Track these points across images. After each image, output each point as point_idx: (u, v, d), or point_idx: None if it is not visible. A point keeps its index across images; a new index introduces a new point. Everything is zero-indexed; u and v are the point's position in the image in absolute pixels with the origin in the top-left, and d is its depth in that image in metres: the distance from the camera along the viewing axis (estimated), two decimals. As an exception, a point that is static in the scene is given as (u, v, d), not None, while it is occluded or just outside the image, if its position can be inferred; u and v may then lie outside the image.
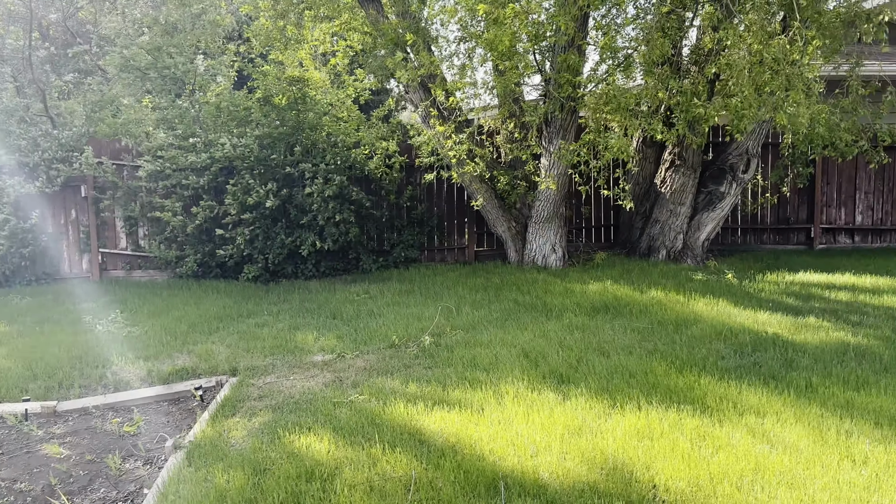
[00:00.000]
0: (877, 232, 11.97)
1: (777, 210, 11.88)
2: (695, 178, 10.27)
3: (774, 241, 11.99)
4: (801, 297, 7.80)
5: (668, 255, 10.32)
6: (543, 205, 9.82)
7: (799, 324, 6.44)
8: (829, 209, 11.89)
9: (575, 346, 5.79)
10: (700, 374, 4.99)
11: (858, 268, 9.54)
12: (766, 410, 4.28)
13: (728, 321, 6.53)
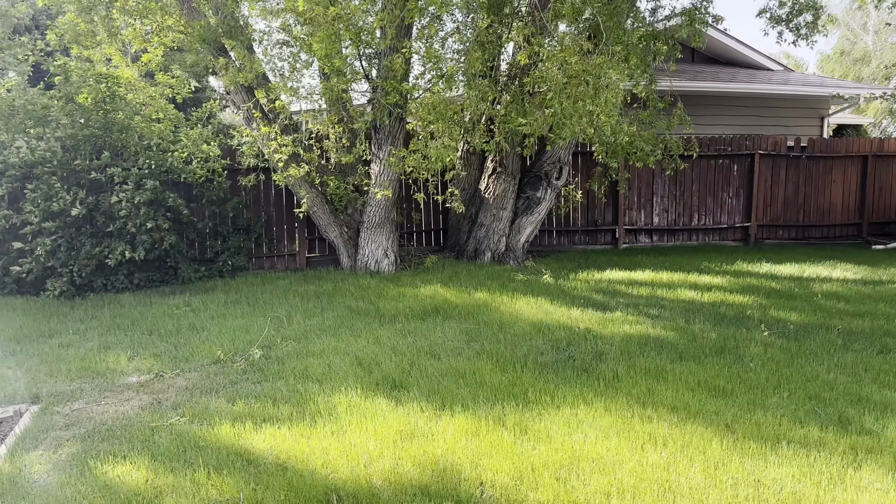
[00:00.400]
0: (671, 232, 13.38)
1: (587, 213, 12.88)
2: (515, 184, 10.86)
3: (585, 241, 12.99)
4: (608, 293, 8.52)
5: (492, 258, 10.81)
6: (375, 210, 9.88)
7: (607, 318, 7.04)
8: (631, 212, 13.11)
9: (407, 350, 5.89)
10: (522, 371, 5.29)
11: (656, 265, 10.61)
12: (580, 402, 4.64)
13: (546, 318, 6.98)
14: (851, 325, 6.84)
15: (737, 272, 10.11)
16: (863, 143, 14.31)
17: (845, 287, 8.90)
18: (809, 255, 11.63)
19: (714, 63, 16.76)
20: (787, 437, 4.05)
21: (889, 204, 14.48)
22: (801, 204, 13.86)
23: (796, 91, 15.38)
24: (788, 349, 5.95)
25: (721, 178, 13.41)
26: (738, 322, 6.98)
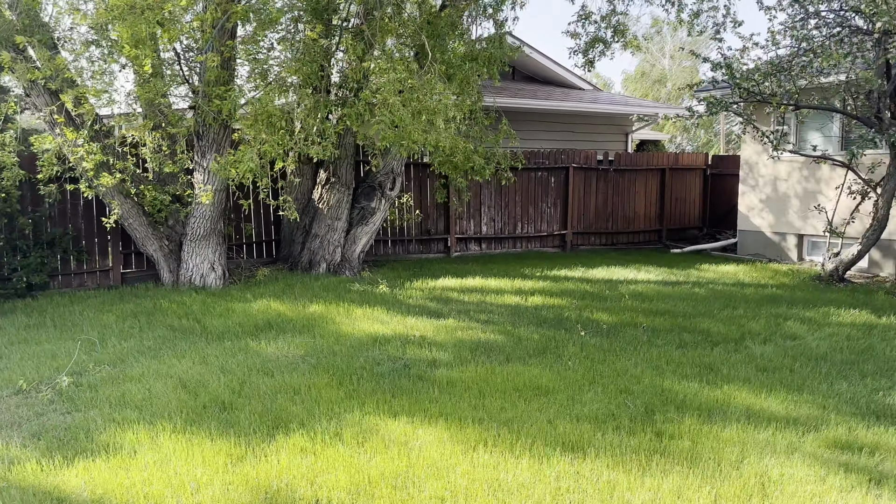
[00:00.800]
0: (498, 240, 14.04)
1: (421, 223, 13.17)
2: (349, 194, 10.84)
3: (419, 251, 13.26)
4: (442, 300, 8.77)
5: (328, 269, 10.70)
6: (199, 221, 9.40)
7: (441, 326, 7.24)
8: (462, 221, 13.59)
9: (237, 369, 5.67)
10: (359, 383, 5.29)
11: (485, 272, 11.09)
12: (416, 410, 4.73)
13: (382, 328, 7.04)
14: (655, 323, 7.59)
15: (556, 277, 10.83)
16: (661, 158, 15.95)
17: (649, 288, 9.85)
18: (617, 260, 12.74)
19: (533, 81, 17.86)
20: (602, 429, 4.41)
21: (684, 212, 16.23)
22: (610, 213, 15.14)
23: (604, 109, 16.81)
24: (602, 347, 6.48)
25: (541, 189, 14.30)
26: (557, 324, 7.49)
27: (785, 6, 9.95)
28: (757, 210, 13.45)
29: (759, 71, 10.21)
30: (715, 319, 7.76)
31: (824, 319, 7.76)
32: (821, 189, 12.25)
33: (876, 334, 7.05)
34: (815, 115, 11.85)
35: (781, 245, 13.08)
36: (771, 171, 13.06)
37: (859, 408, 4.84)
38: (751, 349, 6.51)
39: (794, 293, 9.44)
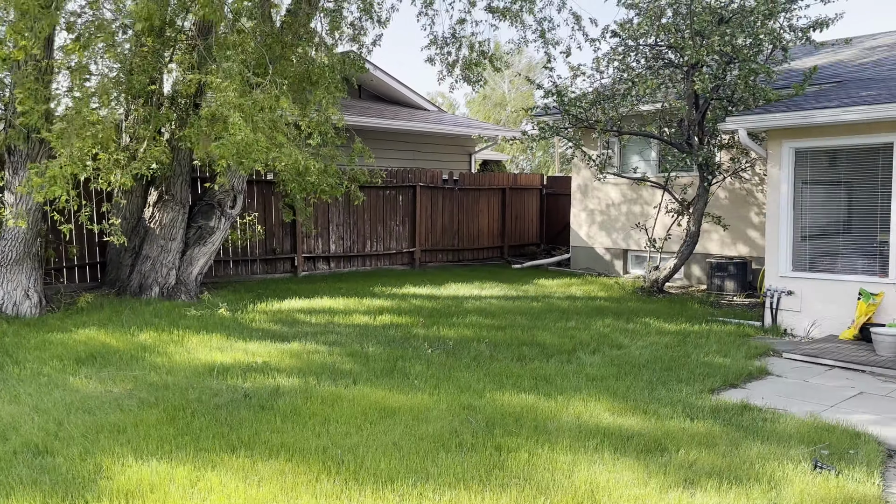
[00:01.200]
0: (347, 258, 13.95)
1: (265, 242, 12.77)
2: (184, 213, 10.29)
3: (264, 271, 12.85)
4: (288, 323, 8.54)
5: (161, 293, 10.07)
6: (11, 245, 8.50)
7: (286, 350, 7.05)
8: (310, 240, 13.36)
9: (54, 408, 5.15)
10: (193, 417, 5.01)
11: (334, 291, 10.96)
12: (256, 442, 4.56)
13: (222, 356, 6.72)
14: (497, 337, 7.87)
15: (405, 295, 10.93)
16: (502, 178, 16.67)
17: (492, 303, 10.22)
18: (463, 276, 13.11)
19: (380, 101, 18.01)
20: (446, 447, 4.49)
21: (523, 230, 17.05)
22: (455, 230, 15.57)
23: (449, 130, 17.31)
24: (447, 364, 6.62)
25: (389, 207, 14.41)
26: (405, 342, 7.55)
27: (608, 38, 10.81)
28: (587, 227, 14.41)
29: (586, 98, 11.00)
30: (550, 332, 8.19)
31: (646, 329, 8.45)
32: (643, 208, 13.38)
33: (690, 341, 7.78)
34: (635, 140, 12.94)
35: (609, 259, 14.11)
36: (599, 191, 14.07)
37: (676, 412, 5.31)
38: (582, 359, 6.94)
39: (620, 305, 10.20)
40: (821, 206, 8.67)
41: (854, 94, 8.55)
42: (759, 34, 9.72)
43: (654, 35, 10.39)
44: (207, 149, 8.31)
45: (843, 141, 8.15)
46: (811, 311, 8.40)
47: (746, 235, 12.03)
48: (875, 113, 7.50)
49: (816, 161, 8.61)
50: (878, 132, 7.76)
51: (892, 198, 7.70)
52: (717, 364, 6.80)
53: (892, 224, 7.71)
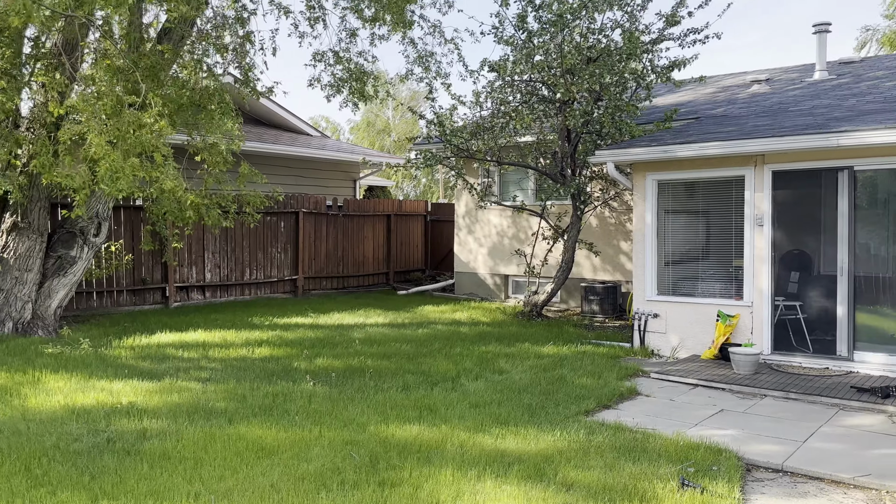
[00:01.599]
0: (224, 287, 13.41)
1: (133, 271, 12.04)
2: (43, 241, 9.55)
3: (132, 302, 12.10)
4: (157, 359, 8.07)
5: (15, 328, 9.24)
6: None
7: (155, 388, 6.64)
8: (183, 268, 12.73)
9: None
10: (50, 465, 4.59)
11: (209, 323, 10.48)
12: (120, 492, 4.23)
13: (83, 397, 6.23)
14: (381, 366, 7.81)
15: (286, 325, 10.64)
16: (387, 204, 16.70)
17: (377, 331, 10.15)
18: (348, 304, 12.95)
19: (260, 125, 17.61)
20: (327, 486, 4.37)
21: (408, 255, 17.12)
22: (340, 257, 15.40)
23: (333, 156, 17.17)
24: (330, 397, 6.48)
25: (270, 234, 14.04)
26: (286, 375, 7.33)
27: (486, 73, 11.16)
28: (470, 253, 14.70)
29: (467, 129, 11.29)
30: (435, 359, 8.24)
31: (525, 353, 8.68)
32: (522, 234, 13.82)
33: (566, 364, 8.07)
34: (514, 169, 13.39)
35: (491, 285, 14.43)
36: (481, 217, 14.41)
37: (554, 435, 5.46)
38: (465, 386, 7.01)
39: (501, 329, 10.43)
40: (682, 233, 9.32)
41: (710, 130, 9.29)
42: (623, 73, 10.38)
43: (528, 72, 10.84)
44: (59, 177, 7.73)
45: (701, 174, 8.82)
46: (676, 333, 8.96)
47: (617, 261, 12.70)
48: (729, 149, 8.19)
49: (677, 192, 9.26)
50: (732, 166, 8.46)
51: (745, 226, 8.40)
52: (592, 386, 7.08)
53: (746, 250, 8.41)
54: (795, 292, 8.35)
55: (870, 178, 7.82)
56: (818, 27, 11.85)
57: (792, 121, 8.77)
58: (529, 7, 10.63)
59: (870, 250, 7.85)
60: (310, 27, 11.51)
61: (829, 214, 7.96)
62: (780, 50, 51.94)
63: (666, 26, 10.44)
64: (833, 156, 7.75)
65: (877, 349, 7.64)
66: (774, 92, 11.65)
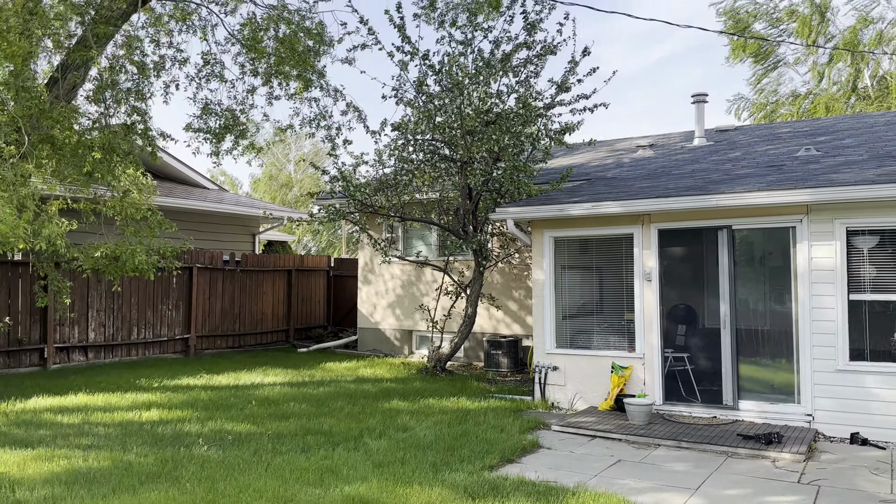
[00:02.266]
0: (109, 347, 12.60)
1: (8, 331, 11.13)
2: None
3: (6, 364, 11.15)
4: (33, 425, 7.43)
5: None
6: None
7: (29, 457, 6.09)
8: (64, 328, 11.89)
9: None
10: None
11: (92, 386, 9.79)
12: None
13: (-58, 472, 5.62)
14: (281, 428, 7.52)
15: (177, 386, 10.10)
16: (288, 259, 16.39)
17: (276, 391, 9.80)
18: (245, 363, 12.47)
19: (154, 177, 16.96)
20: (221, 557, 4.12)
21: (310, 312, 16.78)
22: (237, 314, 14.87)
23: (231, 210, 16.76)
24: (225, 462, 6.16)
25: (161, 290, 13.41)
26: (176, 440, 6.92)
27: (389, 132, 11.34)
28: (374, 308, 14.59)
29: (371, 186, 11.37)
30: (337, 418, 8.03)
31: (430, 409, 8.63)
32: (426, 289, 13.89)
33: (470, 419, 8.07)
34: (418, 225, 13.54)
35: (395, 340, 14.34)
36: (385, 273, 14.40)
37: (459, 493, 5.41)
38: (368, 445, 6.86)
39: (405, 385, 10.34)
40: (578, 288, 9.68)
41: (601, 191, 9.81)
42: (520, 136, 10.84)
43: (429, 132, 11.12)
44: None
45: (594, 231, 9.26)
46: (574, 385, 9.19)
47: (517, 315, 12.97)
48: (618, 208, 8.66)
49: (573, 248, 9.66)
50: (622, 224, 8.94)
51: (635, 281, 8.83)
52: (495, 440, 7.11)
53: (636, 304, 8.82)
54: (683, 344, 8.80)
55: (746, 236, 8.46)
56: (696, 97, 12.89)
57: (675, 183, 9.40)
58: (429, 71, 10.98)
59: (749, 305, 8.43)
60: (204, 81, 11.34)
61: (712, 270, 8.52)
62: (662, 117, 55.94)
63: (558, 92, 11.04)
64: (713, 216, 8.35)
65: (759, 398, 8.13)
66: (658, 156, 12.48)
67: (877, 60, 22.54)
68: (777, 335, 8.17)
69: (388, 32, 44.53)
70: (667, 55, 49.52)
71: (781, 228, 8.07)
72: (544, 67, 11.17)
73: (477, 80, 10.84)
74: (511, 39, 10.92)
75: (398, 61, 11.03)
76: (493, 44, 10.95)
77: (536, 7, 10.80)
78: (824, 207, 7.72)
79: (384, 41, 23.70)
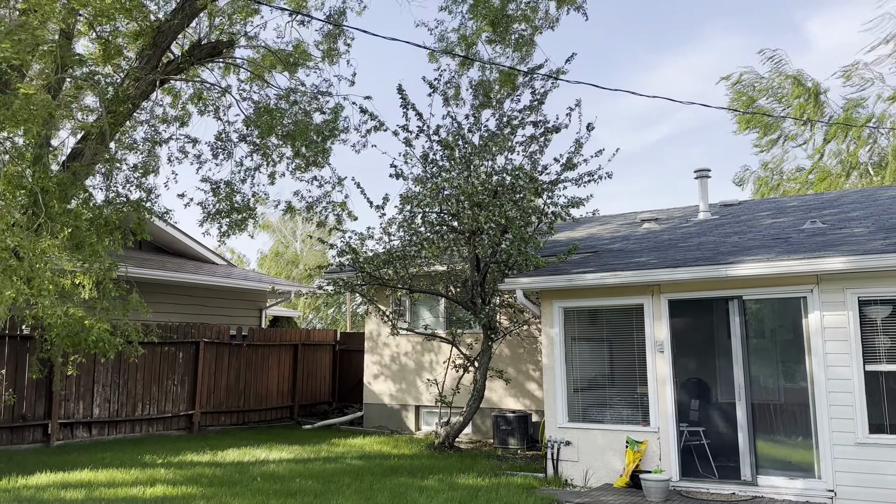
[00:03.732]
0: (113, 423, 12.41)
1: (13, 406, 11.01)
2: None
3: (9, 441, 10.97)
4: (35, 501, 7.24)
5: None
6: None
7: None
8: (68, 403, 11.75)
9: None
10: None
11: (96, 462, 9.60)
12: None
13: (-60, 550, 5.46)
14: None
15: (181, 463, 9.89)
16: (294, 334, 16.34)
17: (281, 467, 9.58)
18: (249, 439, 12.24)
19: (162, 252, 17.18)
20: None
21: (315, 387, 16.58)
22: (242, 390, 14.69)
23: (238, 284, 16.85)
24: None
25: (167, 365, 13.31)
26: (182, 517, 6.73)
27: (398, 205, 11.53)
28: (380, 383, 14.42)
29: (380, 258, 11.47)
30: (345, 495, 7.82)
31: (440, 486, 8.40)
32: (434, 362, 13.76)
33: (481, 496, 7.84)
34: (426, 297, 13.55)
35: (402, 415, 14.10)
36: (392, 346, 14.30)
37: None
38: (379, 523, 6.65)
39: (413, 462, 10.10)
40: (590, 359, 9.58)
41: (608, 261, 9.87)
42: (526, 209, 11.01)
43: (437, 205, 11.31)
44: None
45: (604, 301, 9.25)
46: (588, 460, 8.96)
47: (527, 389, 12.79)
48: (628, 278, 8.68)
49: (583, 319, 9.62)
50: (632, 295, 8.94)
51: (647, 353, 8.75)
52: (509, 518, 6.89)
53: (650, 377, 8.70)
54: (697, 419, 8.63)
55: (758, 307, 8.43)
56: (699, 173, 13.13)
57: (683, 254, 9.47)
58: (437, 146, 11.29)
59: (762, 377, 8.32)
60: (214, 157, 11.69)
61: (724, 342, 8.45)
62: (662, 195, 56.72)
63: (563, 170, 11.28)
64: (723, 286, 8.36)
65: (779, 473, 7.89)
66: (664, 230, 12.61)
67: (874, 136, 23.05)
68: (793, 408, 8.03)
69: (391, 109, 45.91)
70: (665, 136, 50.76)
71: (793, 298, 8.06)
72: (549, 145, 11.48)
73: (484, 154, 11.12)
74: (519, 114, 11.30)
75: (403, 139, 11.39)
76: (498, 119, 11.32)
77: (545, 86, 11.28)
78: (834, 277, 7.74)
79: (389, 118, 24.49)
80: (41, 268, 7.59)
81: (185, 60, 10.71)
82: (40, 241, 7.55)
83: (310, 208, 12.08)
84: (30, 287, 7.46)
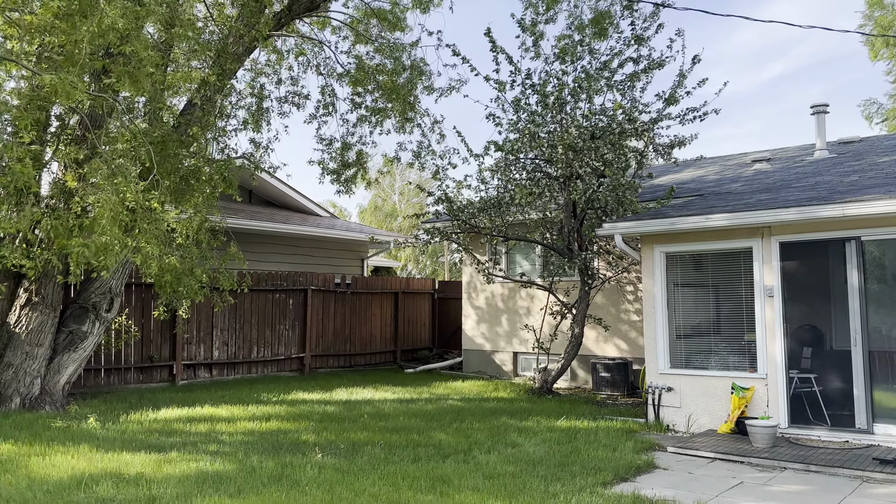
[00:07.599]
0: (231, 365, 13.32)
1: (141, 349, 12.02)
2: (55, 316, 9.59)
3: (139, 379, 12.02)
4: (165, 433, 7.95)
5: (23, 404, 9.16)
6: None
7: (162, 460, 6.53)
8: (191, 346, 12.70)
9: None
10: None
11: (217, 399, 10.37)
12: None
13: (90, 468, 6.13)
14: (392, 440, 7.67)
15: (293, 401, 10.52)
16: (394, 282, 16.80)
17: (386, 406, 10.01)
18: (356, 381, 12.82)
19: (271, 206, 17.97)
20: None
21: (415, 333, 17.06)
22: (347, 335, 15.35)
23: (342, 235, 17.44)
24: (340, 468, 6.35)
25: (278, 311, 14.06)
26: (294, 448, 7.20)
27: (492, 153, 11.48)
28: (478, 329, 14.64)
29: (475, 206, 11.51)
30: (446, 433, 8.09)
31: (538, 427, 8.53)
32: (530, 309, 13.81)
33: (580, 438, 7.91)
34: (521, 245, 13.54)
35: (499, 361, 14.31)
36: (488, 294, 14.45)
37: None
38: (478, 458, 6.87)
39: (511, 405, 10.28)
40: (693, 306, 9.32)
41: (714, 204, 9.46)
42: (625, 151, 10.66)
43: (532, 150, 11.16)
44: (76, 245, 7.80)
45: (709, 245, 8.91)
46: (691, 406, 8.81)
47: (627, 335, 12.63)
48: (734, 220, 8.31)
49: (686, 264, 9.34)
50: (739, 238, 8.56)
51: (755, 298, 8.41)
52: (608, 459, 6.93)
53: (758, 323, 8.38)
54: (809, 367, 8.26)
55: (878, 248, 7.89)
56: (816, 108, 12.24)
57: (796, 195, 8.94)
58: (530, 90, 11.07)
59: (883, 324, 7.82)
60: (319, 115, 12.12)
61: (839, 287, 7.98)
62: (779, 136, 53.33)
63: (665, 106, 10.80)
64: (839, 226, 7.86)
65: (897, 421, 7.49)
66: (776, 170, 11.92)
67: None
68: (917, 354, 7.53)
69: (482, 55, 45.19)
70: (780, 73, 47.33)
71: (919, 238, 7.48)
72: (651, 82, 11.00)
73: (580, 97, 10.82)
74: (618, 55, 10.86)
75: (495, 82, 11.21)
76: (596, 59, 10.95)
77: (644, 24, 10.74)
78: (969, 214, 7.10)
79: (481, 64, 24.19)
80: (148, 226, 8.09)
81: (285, 15, 10.98)
82: (151, 198, 8.02)
83: (417, 156, 12.32)
84: (134, 240, 7.98)
